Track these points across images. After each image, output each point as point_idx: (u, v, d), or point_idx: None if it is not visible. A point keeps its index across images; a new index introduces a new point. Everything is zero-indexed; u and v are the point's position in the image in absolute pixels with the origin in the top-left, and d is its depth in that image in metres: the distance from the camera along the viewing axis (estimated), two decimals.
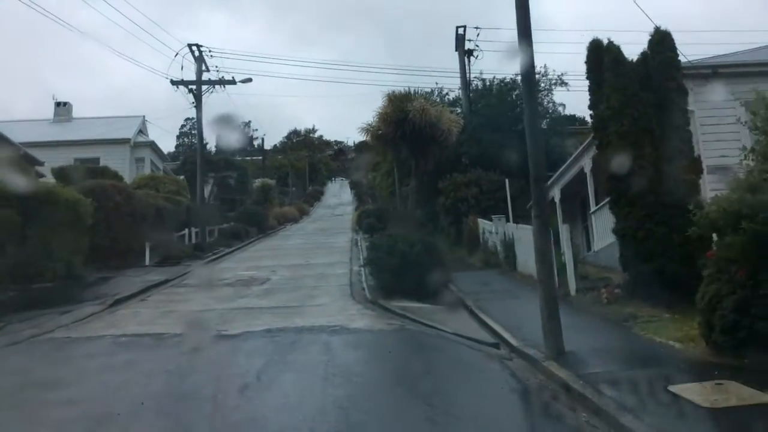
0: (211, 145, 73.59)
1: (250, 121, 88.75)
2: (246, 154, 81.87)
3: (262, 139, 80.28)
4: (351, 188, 75.27)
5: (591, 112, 12.97)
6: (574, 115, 39.61)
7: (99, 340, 10.02)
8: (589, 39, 12.84)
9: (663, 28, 12.47)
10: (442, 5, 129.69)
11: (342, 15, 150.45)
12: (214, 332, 10.36)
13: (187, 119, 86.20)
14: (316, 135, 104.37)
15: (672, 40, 12.44)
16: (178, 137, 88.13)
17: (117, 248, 21.54)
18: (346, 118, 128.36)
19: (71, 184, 21.94)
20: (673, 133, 11.87)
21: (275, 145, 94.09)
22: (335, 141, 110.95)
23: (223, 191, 50.46)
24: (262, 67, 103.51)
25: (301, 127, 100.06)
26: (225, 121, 32.40)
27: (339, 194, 77.72)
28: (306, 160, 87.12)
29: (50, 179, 27.12)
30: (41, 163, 28.08)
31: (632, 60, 12.45)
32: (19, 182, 17.50)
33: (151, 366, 8.08)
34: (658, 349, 8.37)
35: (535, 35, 9.34)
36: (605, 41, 12.63)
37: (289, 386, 7.21)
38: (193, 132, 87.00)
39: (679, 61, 12.45)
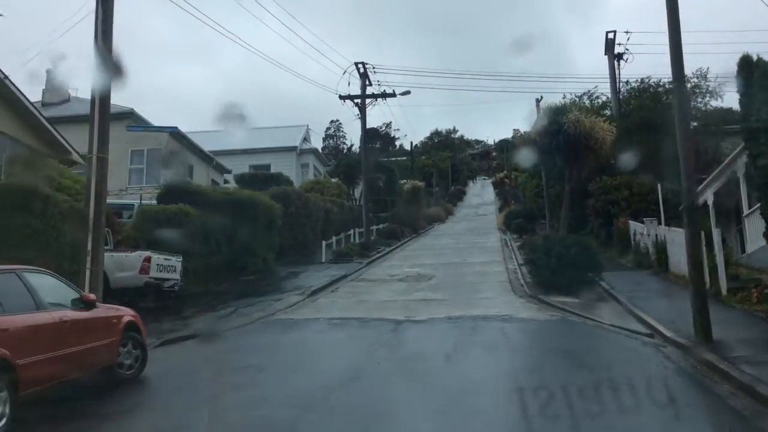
0: (356, 147, 77.25)
1: (390, 122, 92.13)
2: (390, 155, 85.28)
3: (412, 143, 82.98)
4: (494, 188, 76.42)
5: (742, 124, 13.87)
6: (732, 108, 38.39)
7: (316, 322, 12.59)
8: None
9: None
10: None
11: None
12: (405, 318, 12.61)
13: (331, 122, 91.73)
14: (457, 135, 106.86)
15: None
16: (324, 139, 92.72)
17: (298, 246, 24.81)
18: (485, 118, 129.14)
19: (255, 190, 25.39)
20: None
21: (416, 145, 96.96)
22: (475, 140, 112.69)
23: (372, 193, 53.54)
24: (405, 79, 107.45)
25: (442, 127, 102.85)
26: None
27: (481, 194, 78.95)
28: (449, 161, 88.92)
29: (233, 184, 31.18)
30: (229, 171, 32.26)
31: None
32: (225, 191, 21.05)
33: (368, 340, 10.41)
34: None
35: (693, 36, 10.59)
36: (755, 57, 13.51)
37: (479, 356, 9.25)
38: (337, 134, 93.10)
39: None
